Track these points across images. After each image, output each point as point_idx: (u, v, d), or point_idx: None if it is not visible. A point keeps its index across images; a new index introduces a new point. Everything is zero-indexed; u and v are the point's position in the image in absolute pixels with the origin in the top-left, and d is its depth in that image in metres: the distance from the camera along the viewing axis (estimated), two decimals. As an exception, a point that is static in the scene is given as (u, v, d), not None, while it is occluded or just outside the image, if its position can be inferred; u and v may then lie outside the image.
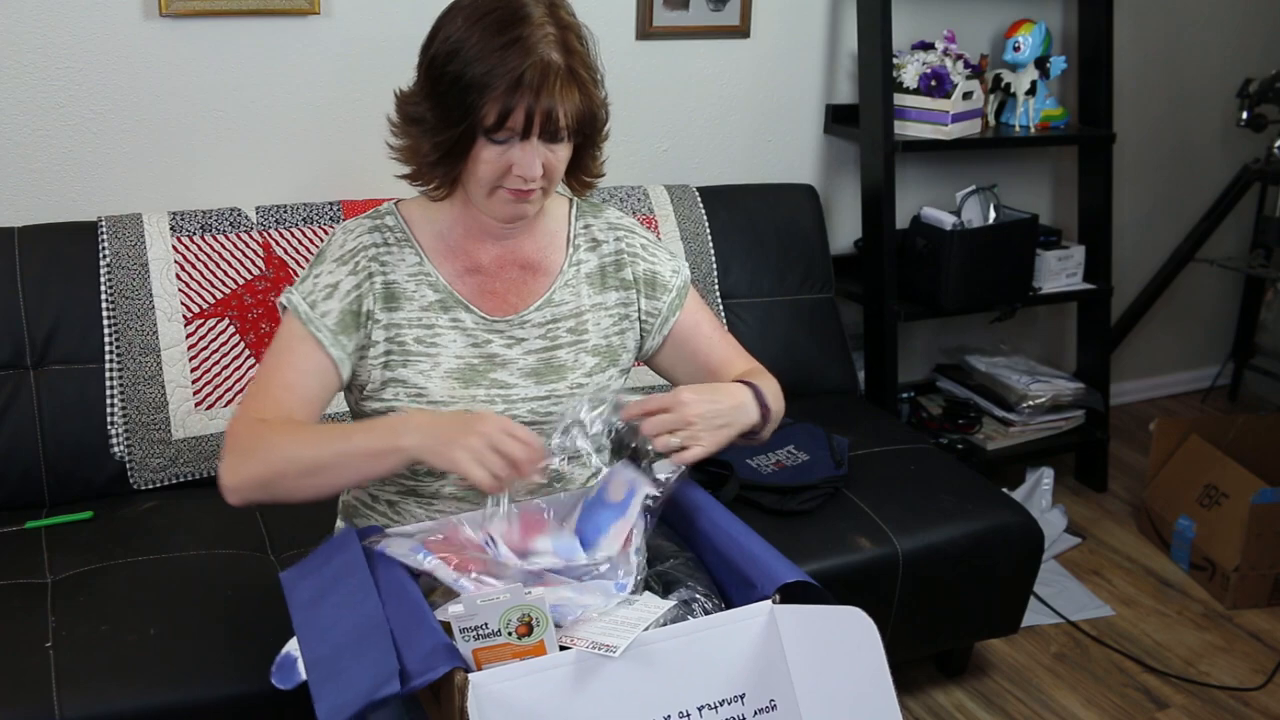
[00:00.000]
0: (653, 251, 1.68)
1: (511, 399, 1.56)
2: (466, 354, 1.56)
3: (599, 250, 1.66)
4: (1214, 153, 3.68)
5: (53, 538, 2.01)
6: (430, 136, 1.49)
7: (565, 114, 1.45)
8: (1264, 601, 2.78)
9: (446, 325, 1.57)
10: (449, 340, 1.56)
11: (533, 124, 1.44)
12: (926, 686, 2.46)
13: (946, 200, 3.05)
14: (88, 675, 1.65)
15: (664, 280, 1.67)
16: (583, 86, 1.47)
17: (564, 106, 1.45)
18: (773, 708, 1.29)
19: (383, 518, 1.64)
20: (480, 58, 1.42)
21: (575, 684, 1.22)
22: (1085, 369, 3.32)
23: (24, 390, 2.12)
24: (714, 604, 1.45)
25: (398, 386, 1.55)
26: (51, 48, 2.23)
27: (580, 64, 1.47)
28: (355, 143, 2.49)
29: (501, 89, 1.42)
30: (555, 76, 1.43)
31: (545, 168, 1.49)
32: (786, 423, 2.47)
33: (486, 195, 1.51)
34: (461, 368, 1.55)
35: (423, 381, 1.55)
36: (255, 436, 1.46)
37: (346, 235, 1.58)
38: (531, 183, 1.48)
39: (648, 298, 1.67)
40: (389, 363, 1.55)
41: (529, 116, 1.43)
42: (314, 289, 1.54)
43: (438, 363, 1.55)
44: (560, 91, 1.44)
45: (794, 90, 2.96)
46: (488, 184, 1.50)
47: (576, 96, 1.46)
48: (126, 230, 2.21)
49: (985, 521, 2.27)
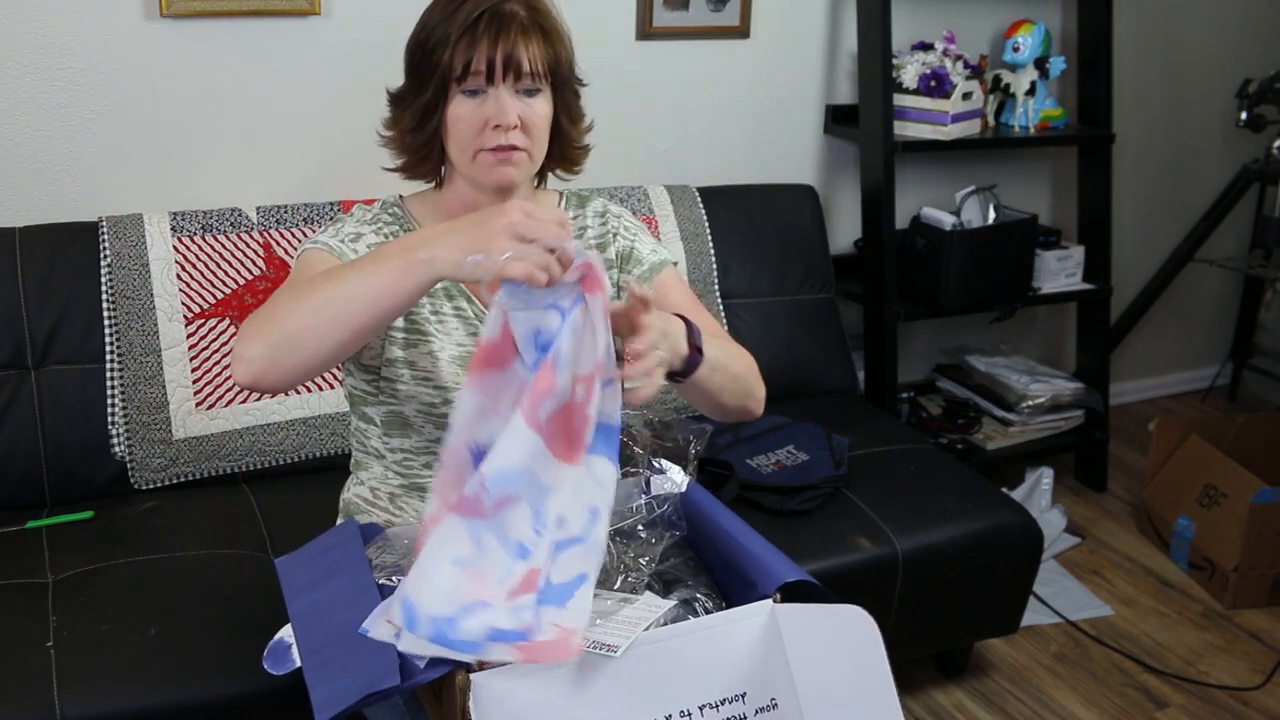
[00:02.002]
0: (635, 233, 1.69)
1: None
2: (468, 342, 1.57)
3: (585, 236, 1.67)
4: (1214, 153, 3.68)
5: (53, 537, 2.01)
6: (408, 107, 1.53)
7: (531, 58, 1.47)
8: (1263, 601, 2.79)
9: (450, 313, 1.58)
10: (453, 327, 1.58)
11: (495, 65, 1.46)
12: (926, 686, 2.47)
13: (946, 200, 3.06)
14: (88, 675, 1.65)
15: (639, 255, 1.67)
16: (547, 35, 1.50)
17: (528, 50, 1.46)
18: (774, 707, 1.29)
19: (384, 513, 1.64)
20: (441, 20, 1.48)
21: (576, 684, 1.22)
22: (1085, 369, 3.33)
23: (25, 390, 2.12)
24: (715, 603, 1.45)
25: (404, 367, 1.55)
26: (52, 48, 2.23)
27: (544, 19, 1.50)
28: (355, 143, 2.48)
29: (461, 33, 1.45)
30: (514, 21, 1.46)
31: (524, 121, 1.49)
32: (786, 422, 2.49)
33: (470, 160, 1.51)
34: (464, 355, 1.56)
35: (430, 365, 1.55)
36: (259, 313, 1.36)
37: (364, 210, 1.61)
38: (510, 134, 1.48)
39: (621, 270, 1.67)
40: (405, 340, 1.55)
41: (490, 59, 1.45)
42: (339, 234, 1.54)
43: (444, 346, 1.56)
44: (521, 36, 1.46)
45: (794, 90, 2.96)
46: (469, 145, 1.50)
47: (541, 42, 1.49)
48: (127, 230, 2.21)
49: (985, 521, 2.27)
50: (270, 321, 1.31)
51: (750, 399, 1.56)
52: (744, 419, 1.60)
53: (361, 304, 1.28)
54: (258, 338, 1.31)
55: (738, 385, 1.53)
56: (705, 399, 1.50)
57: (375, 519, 1.65)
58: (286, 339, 1.30)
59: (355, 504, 1.69)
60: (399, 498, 1.64)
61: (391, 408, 1.59)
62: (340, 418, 2.28)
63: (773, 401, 2.63)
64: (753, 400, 1.57)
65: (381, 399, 1.59)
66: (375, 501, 1.66)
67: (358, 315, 1.29)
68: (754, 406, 1.58)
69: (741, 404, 1.55)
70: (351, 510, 1.69)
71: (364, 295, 1.28)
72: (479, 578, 1.23)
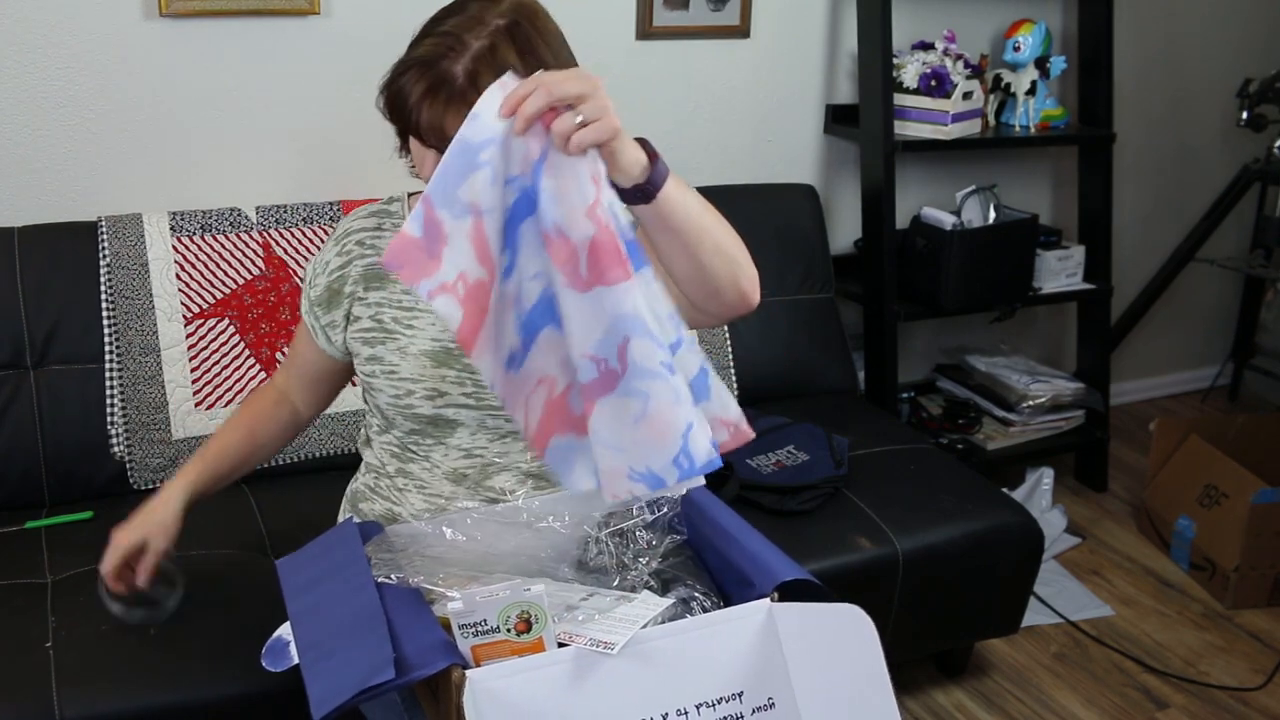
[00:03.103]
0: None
1: (481, 381, 1.57)
2: (443, 337, 1.58)
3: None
4: (1214, 153, 3.68)
5: (53, 538, 2.01)
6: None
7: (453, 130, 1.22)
8: (1264, 601, 2.78)
9: (425, 308, 1.59)
10: (427, 323, 1.59)
11: (421, 132, 1.39)
12: (926, 686, 2.46)
13: (946, 200, 3.05)
14: (88, 675, 1.66)
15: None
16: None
17: (454, 122, 1.27)
18: (771, 706, 1.29)
19: (384, 501, 1.66)
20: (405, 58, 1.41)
21: (573, 681, 1.22)
22: (1085, 369, 3.32)
23: (24, 390, 2.12)
24: (712, 602, 1.45)
25: (374, 364, 1.60)
26: (51, 48, 2.23)
27: (481, 82, 1.31)
28: (355, 143, 2.49)
29: (400, 87, 1.39)
30: (444, 87, 1.34)
31: None
32: (786, 422, 2.49)
33: None
34: (437, 350, 1.58)
35: (396, 359, 1.58)
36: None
37: (348, 220, 1.67)
38: None
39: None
40: (369, 339, 1.60)
41: (417, 123, 1.38)
42: (315, 265, 1.68)
43: (413, 341, 1.58)
44: (448, 106, 1.35)
45: (794, 90, 2.96)
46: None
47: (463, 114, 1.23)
48: (126, 230, 2.21)
49: (985, 521, 2.27)
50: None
51: (742, 276, 1.35)
52: (738, 309, 1.38)
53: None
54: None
55: (722, 253, 1.32)
56: (684, 253, 1.31)
57: (376, 507, 1.66)
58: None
59: (360, 492, 1.72)
60: (399, 485, 1.65)
61: (372, 400, 1.66)
62: (340, 418, 2.28)
63: (773, 401, 2.67)
64: (745, 279, 1.35)
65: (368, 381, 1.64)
66: (377, 489, 1.68)
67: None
68: (748, 289, 1.36)
69: (731, 276, 1.33)
70: (356, 499, 1.72)
71: None
72: (662, 415, 1.24)
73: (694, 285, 1.35)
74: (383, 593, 1.35)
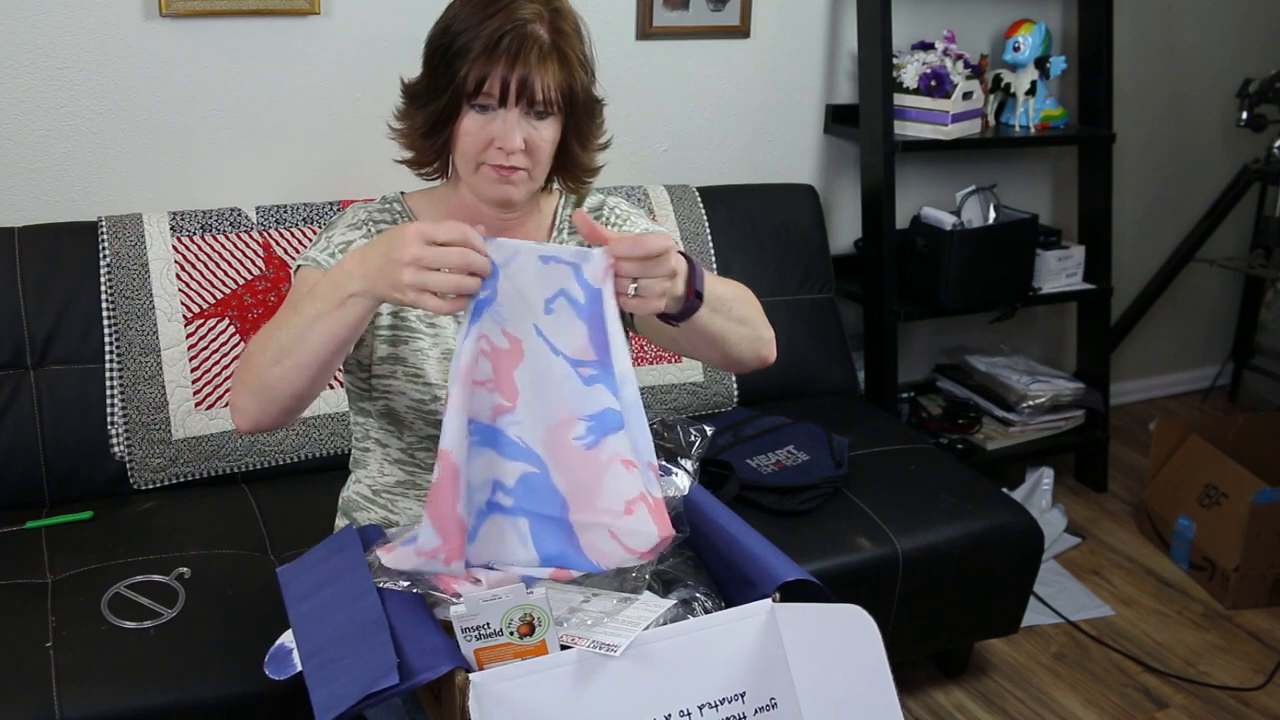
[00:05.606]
0: (627, 216, 1.66)
1: None
2: None
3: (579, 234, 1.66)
4: (1214, 153, 3.68)
5: (53, 538, 2.01)
6: (423, 109, 1.51)
7: (544, 85, 1.44)
8: (1264, 601, 2.79)
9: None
10: (446, 321, 1.57)
11: (509, 90, 1.44)
12: (926, 686, 2.47)
13: (946, 200, 3.05)
14: (88, 675, 1.65)
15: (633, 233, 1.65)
16: (565, 62, 1.47)
17: (543, 78, 1.44)
18: (773, 706, 1.29)
19: (382, 510, 1.64)
20: (466, 28, 1.45)
21: (576, 683, 1.22)
22: (1085, 369, 3.33)
23: (24, 390, 2.12)
24: (714, 603, 1.45)
25: (395, 364, 1.56)
26: (51, 48, 2.23)
27: (566, 44, 1.47)
28: (355, 143, 2.49)
29: (479, 52, 1.43)
30: (534, 45, 1.43)
31: (529, 145, 1.47)
32: (786, 422, 2.49)
33: (473, 172, 1.51)
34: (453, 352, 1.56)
35: (420, 361, 1.55)
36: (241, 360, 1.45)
37: (356, 211, 1.61)
38: (512, 156, 1.47)
39: None
40: (393, 338, 1.56)
41: (505, 82, 1.44)
42: (329, 246, 1.55)
43: (436, 343, 1.56)
44: (539, 62, 1.44)
45: (794, 90, 2.96)
46: (472, 159, 1.49)
47: (557, 70, 1.45)
48: (127, 230, 2.21)
49: (985, 521, 2.27)
50: (249, 369, 1.40)
51: (762, 345, 1.53)
52: (759, 367, 1.56)
53: (316, 344, 1.34)
54: (243, 388, 1.41)
55: (746, 336, 1.50)
56: (711, 346, 1.48)
57: (373, 516, 1.65)
58: (264, 388, 1.38)
59: (354, 501, 1.69)
60: (396, 496, 1.64)
61: (384, 403, 1.60)
62: (340, 418, 2.28)
63: (773, 401, 2.67)
64: (764, 346, 1.53)
65: (374, 395, 1.59)
66: (374, 499, 1.66)
67: (316, 354, 1.35)
68: (767, 354, 1.55)
69: (753, 349, 1.52)
70: (350, 508, 1.69)
71: (315, 336, 1.34)
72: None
73: (716, 361, 1.53)
74: (384, 597, 1.35)
